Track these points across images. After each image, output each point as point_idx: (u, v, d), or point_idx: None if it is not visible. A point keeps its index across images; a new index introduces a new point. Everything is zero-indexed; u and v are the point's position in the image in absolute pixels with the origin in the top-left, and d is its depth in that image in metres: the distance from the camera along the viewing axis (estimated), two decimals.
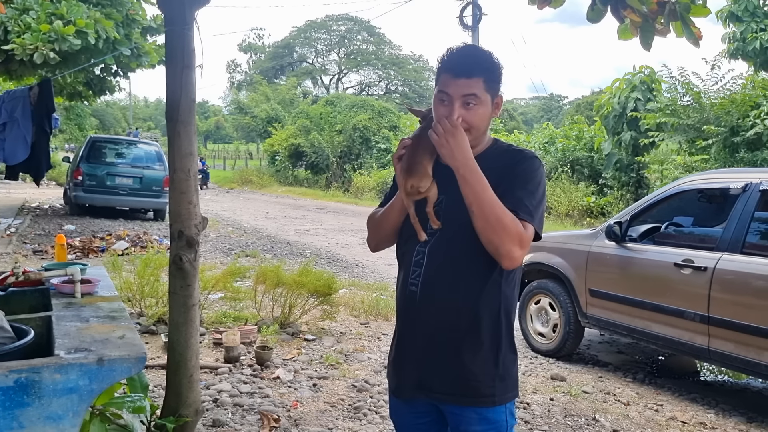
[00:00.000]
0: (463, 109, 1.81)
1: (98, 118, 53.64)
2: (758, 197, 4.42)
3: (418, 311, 1.88)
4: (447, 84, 1.81)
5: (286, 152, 29.84)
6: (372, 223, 2.08)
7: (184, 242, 3.08)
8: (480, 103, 1.82)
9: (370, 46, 54.57)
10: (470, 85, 1.79)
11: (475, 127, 1.84)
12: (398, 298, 1.99)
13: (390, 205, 1.98)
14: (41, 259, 8.61)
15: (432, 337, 1.87)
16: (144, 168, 14.44)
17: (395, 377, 2.01)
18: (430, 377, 1.88)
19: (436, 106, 1.86)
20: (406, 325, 1.95)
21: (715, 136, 11.83)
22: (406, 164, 1.84)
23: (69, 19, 8.60)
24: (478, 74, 1.81)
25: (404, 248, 1.96)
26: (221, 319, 5.97)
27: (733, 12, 11.33)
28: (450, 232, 1.84)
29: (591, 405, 4.51)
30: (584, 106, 36.67)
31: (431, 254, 1.86)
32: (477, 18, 17.34)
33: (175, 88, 3.03)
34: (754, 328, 4.11)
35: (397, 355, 2.01)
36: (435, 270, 1.85)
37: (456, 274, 1.84)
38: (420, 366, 1.90)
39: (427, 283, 1.86)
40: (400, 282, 1.96)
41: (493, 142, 1.95)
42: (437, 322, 1.86)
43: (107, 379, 2.01)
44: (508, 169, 1.84)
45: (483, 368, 1.85)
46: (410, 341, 1.93)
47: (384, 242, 2.07)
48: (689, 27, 1.97)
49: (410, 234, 1.91)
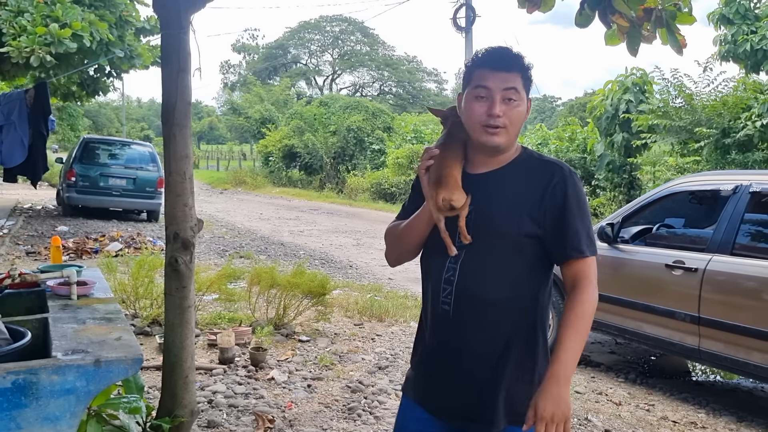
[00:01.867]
0: (503, 104, 1.71)
1: (91, 118, 53.44)
2: (748, 199, 4.47)
3: (451, 331, 1.78)
4: (485, 77, 1.72)
5: (279, 153, 29.81)
6: (393, 236, 1.94)
7: (180, 244, 3.10)
8: (520, 99, 1.74)
9: (364, 47, 54.59)
10: (509, 79, 1.72)
11: (514, 125, 1.74)
12: (429, 314, 1.86)
13: (416, 217, 1.85)
14: (34, 261, 8.60)
15: (466, 358, 1.77)
16: (137, 169, 14.42)
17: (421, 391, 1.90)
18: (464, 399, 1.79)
19: (472, 104, 1.75)
20: (439, 343, 1.83)
21: (707, 137, 11.90)
22: (435, 176, 1.75)
23: (65, 21, 8.59)
24: (517, 69, 1.74)
25: (430, 262, 1.85)
26: (216, 321, 5.98)
27: (724, 14, 11.41)
28: (481, 247, 1.74)
29: (583, 405, 4.54)
30: (577, 108, 36.81)
31: (463, 271, 1.75)
32: (470, 19, 17.37)
33: (171, 91, 3.05)
34: (743, 329, 4.16)
35: (422, 369, 1.90)
36: (468, 288, 1.75)
37: (491, 293, 1.74)
38: (449, 386, 1.81)
39: (460, 301, 1.75)
40: (429, 298, 1.85)
41: (522, 150, 1.84)
42: (473, 342, 1.76)
43: (104, 381, 2.04)
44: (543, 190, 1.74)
45: (520, 388, 1.76)
46: (442, 361, 1.82)
47: (406, 256, 1.95)
48: (674, 34, 2.00)
49: (436, 247, 1.80)
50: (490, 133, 1.73)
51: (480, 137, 1.76)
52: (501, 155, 1.80)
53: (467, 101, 1.77)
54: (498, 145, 1.76)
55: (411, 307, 6.99)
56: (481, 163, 1.81)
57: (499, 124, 1.72)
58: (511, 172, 1.78)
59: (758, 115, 11.25)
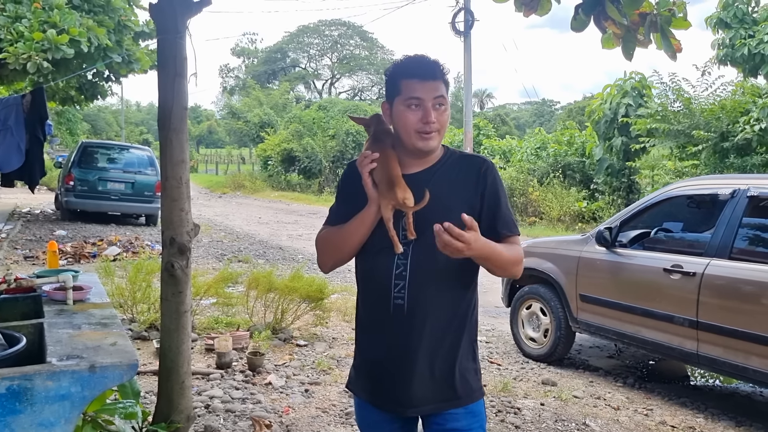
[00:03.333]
0: (435, 111, 1.85)
1: (90, 122, 53.45)
2: (746, 203, 4.47)
3: (406, 323, 1.86)
4: (415, 89, 1.85)
5: (278, 157, 29.83)
6: (329, 242, 1.99)
7: (176, 249, 3.09)
8: (446, 104, 1.89)
9: (363, 51, 54.70)
10: (437, 87, 1.86)
11: (444, 128, 1.89)
12: (377, 312, 1.91)
13: (359, 220, 1.90)
14: (32, 265, 8.59)
15: (424, 347, 1.86)
16: (136, 173, 14.42)
17: (373, 390, 1.96)
18: (422, 387, 1.88)
19: (406, 113, 1.86)
20: (389, 339, 1.89)
21: (705, 141, 11.92)
22: (386, 177, 1.84)
23: (62, 27, 8.59)
24: (440, 77, 1.88)
25: (375, 261, 1.91)
26: (213, 325, 5.97)
27: (722, 18, 11.43)
28: (426, 241, 1.80)
29: (581, 410, 4.54)
30: (576, 111, 36.85)
31: (415, 265, 1.85)
32: (469, 24, 17.39)
33: (168, 96, 3.05)
34: (741, 333, 4.15)
35: (374, 368, 1.95)
36: (422, 281, 1.85)
37: (443, 283, 1.87)
38: (411, 378, 1.87)
39: (414, 294, 1.84)
40: (374, 297, 1.92)
41: (444, 151, 1.97)
42: (429, 331, 1.86)
43: (99, 386, 2.03)
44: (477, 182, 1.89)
45: (467, 365, 1.92)
46: (397, 355, 1.88)
47: (344, 260, 2.00)
48: (668, 39, 2.01)
49: (380, 246, 1.88)
50: (426, 138, 1.87)
51: (416, 143, 1.88)
52: (430, 155, 1.93)
53: (400, 111, 1.88)
54: (433, 148, 1.90)
55: None
56: (410, 164, 1.91)
57: (433, 129, 1.86)
58: (441, 169, 1.91)
59: (756, 119, 11.28)
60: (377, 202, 1.86)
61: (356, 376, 2.04)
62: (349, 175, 2.02)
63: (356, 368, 2.05)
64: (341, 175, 2.11)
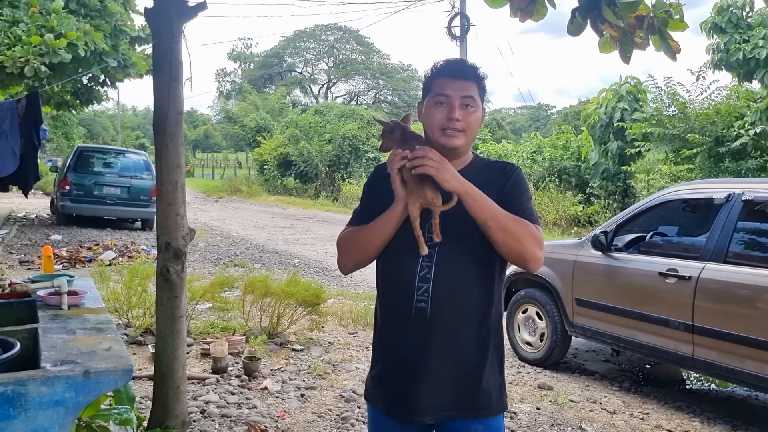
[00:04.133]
0: (461, 110, 1.83)
1: (86, 127, 53.36)
2: (741, 207, 4.48)
3: (428, 327, 1.80)
4: (444, 86, 1.85)
5: (275, 161, 29.81)
6: (352, 242, 1.95)
7: (171, 254, 3.09)
8: (476, 106, 1.86)
9: (359, 55, 54.72)
10: (467, 87, 1.84)
11: (471, 129, 1.86)
12: (396, 316, 1.87)
13: (385, 219, 1.86)
14: (28, 270, 8.56)
15: (445, 352, 1.81)
16: (132, 177, 14.40)
17: (393, 399, 1.89)
18: (442, 394, 1.82)
19: (433, 109, 1.86)
20: (411, 342, 1.83)
21: (700, 145, 11.96)
22: (416, 176, 1.77)
23: (59, 31, 8.58)
24: (473, 79, 1.86)
25: (399, 262, 1.86)
26: (209, 330, 5.95)
27: (717, 23, 11.47)
28: (453, 243, 1.79)
29: (577, 414, 4.53)
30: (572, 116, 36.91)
31: (440, 268, 1.80)
32: (465, 28, 17.43)
33: (163, 101, 3.05)
34: (737, 337, 4.16)
35: (394, 374, 1.89)
36: (447, 284, 1.80)
37: (469, 288, 1.82)
38: (431, 383, 1.81)
39: (438, 298, 1.79)
40: (396, 299, 1.86)
41: (474, 157, 1.96)
42: (452, 337, 1.81)
43: (94, 392, 2.02)
44: (500, 182, 1.86)
45: (493, 378, 1.87)
46: (418, 359, 1.82)
47: (366, 261, 1.96)
48: (667, 41, 2.01)
49: (405, 248, 1.83)
50: (449, 135, 1.85)
51: (440, 139, 1.85)
52: (458, 159, 1.90)
53: (428, 108, 1.89)
54: (457, 146, 1.86)
55: None
56: None
57: (458, 127, 1.84)
58: (467, 174, 1.83)
59: (751, 123, 11.32)
60: (404, 200, 1.81)
61: (373, 385, 1.97)
62: (376, 177, 2.00)
63: (373, 377, 1.98)
64: (368, 177, 2.07)
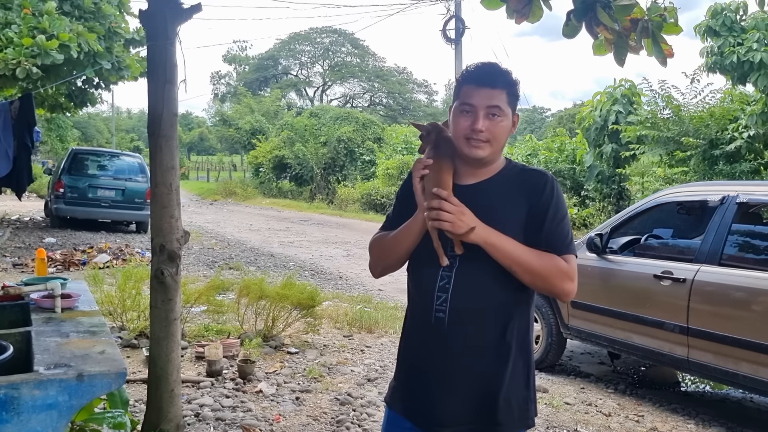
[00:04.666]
0: (486, 120, 1.78)
1: (80, 129, 53.18)
2: (735, 210, 4.49)
3: (446, 337, 1.79)
4: (470, 94, 1.79)
5: (270, 164, 29.79)
6: (380, 247, 1.97)
7: (166, 256, 3.07)
8: (503, 115, 1.80)
9: (355, 58, 54.70)
10: (494, 96, 1.78)
11: (497, 139, 1.80)
12: (419, 324, 1.87)
13: (407, 228, 1.86)
14: (21, 273, 8.52)
15: (463, 365, 1.79)
16: (126, 180, 14.35)
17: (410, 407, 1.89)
18: (460, 407, 1.79)
19: (458, 117, 1.81)
20: (429, 352, 1.84)
21: (695, 148, 12.00)
22: (435, 186, 1.76)
23: (52, 33, 8.55)
24: (501, 86, 1.80)
25: (422, 271, 1.86)
26: (203, 333, 5.93)
27: (711, 27, 11.49)
28: (474, 255, 1.76)
29: (573, 416, 4.53)
30: (566, 119, 37.01)
31: (459, 279, 1.78)
32: (460, 31, 17.46)
33: (157, 103, 3.04)
34: (732, 339, 4.17)
35: (413, 383, 1.89)
36: (464, 296, 1.78)
37: (487, 300, 1.79)
38: (449, 395, 1.80)
39: (456, 309, 1.78)
40: (419, 307, 1.87)
41: (507, 162, 1.91)
42: (470, 349, 1.79)
43: (87, 395, 2.01)
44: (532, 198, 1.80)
45: (517, 393, 1.82)
46: (435, 369, 1.82)
47: (393, 267, 1.97)
48: (659, 45, 2.02)
49: (428, 258, 1.82)
50: (473, 146, 1.80)
51: (464, 149, 1.81)
52: (487, 167, 1.85)
53: (454, 115, 1.84)
54: (481, 157, 1.81)
55: (401, 318, 6.90)
56: (468, 175, 1.85)
57: (481, 138, 1.79)
58: (497, 182, 1.82)
59: (745, 126, 11.36)
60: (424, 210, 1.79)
61: (393, 391, 1.97)
62: (408, 183, 1.95)
63: (395, 379, 1.98)
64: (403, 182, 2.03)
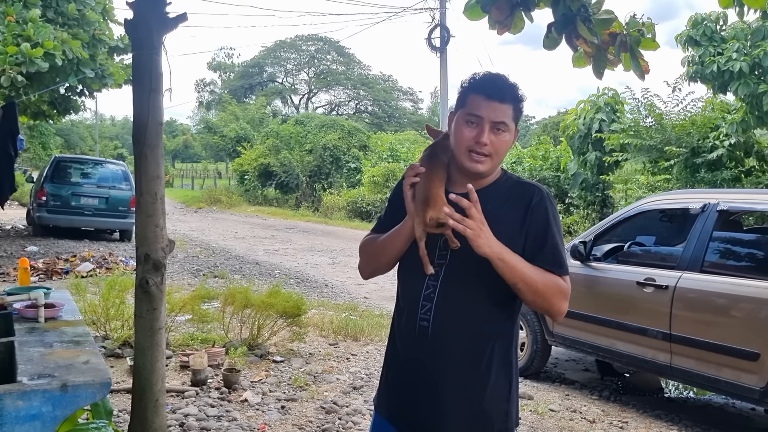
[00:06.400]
0: (492, 134, 1.77)
1: (63, 137, 52.73)
2: (716, 217, 4.55)
3: (429, 346, 1.79)
4: (478, 106, 1.77)
5: (255, 172, 29.68)
6: (369, 249, 1.97)
7: (151, 265, 3.06)
8: (508, 131, 1.80)
9: (340, 66, 54.76)
10: (502, 110, 1.77)
11: (499, 154, 1.80)
12: (404, 329, 1.87)
13: (396, 233, 1.86)
14: (3, 282, 8.43)
15: (445, 374, 1.78)
16: (110, 188, 14.23)
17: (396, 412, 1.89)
18: (442, 416, 1.78)
19: (462, 127, 1.80)
20: (415, 359, 1.83)
21: (677, 156, 12.13)
22: (423, 195, 1.77)
23: (36, 41, 8.49)
24: (509, 101, 1.79)
25: (408, 277, 1.87)
26: (188, 342, 5.90)
27: (692, 36, 11.63)
28: (461, 265, 1.76)
29: (557, 423, 4.56)
30: (551, 127, 37.26)
31: (443, 290, 1.78)
32: (445, 40, 17.55)
33: (143, 112, 3.04)
34: (713, 345, 4.22)
35: (398, 389, 1.89)
36: (448, 307, 1.78)
37: (472, 311, 1.78)
38: (430, 404, 1.80)
39: (440, 318, 1.78)
40: (404, 314, 1.87)
41: (502, 173, 1.90)
42: (453, 359, 1.78)
43: (71, 405, 2.00)
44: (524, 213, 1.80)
45: (497, 405, 1.81)
46: (418, 377, 1.82)
47: (381, 270, 1.97)
48: (637, 59, 2.06)
49: (415, 265, 1.82)
50: (475, 160, 1.79)
51: (465, 161, 1.81)
52: (481, 179, 1.85)
53: (458, 124, 1.82)
54: (481, 172, 1.81)
55: (386, 326, 6.95)
56: (462, 184, 1.80)
57: (485, 152, 1.78)
58: (491, 193, 1.81)
59: (726, 134, 11.50)
60: (414, 217, 1.80)
61: (380, 395, 1.98)
62: (400, 185, 1.93)
63: (381, 387, 1.99)
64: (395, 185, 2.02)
